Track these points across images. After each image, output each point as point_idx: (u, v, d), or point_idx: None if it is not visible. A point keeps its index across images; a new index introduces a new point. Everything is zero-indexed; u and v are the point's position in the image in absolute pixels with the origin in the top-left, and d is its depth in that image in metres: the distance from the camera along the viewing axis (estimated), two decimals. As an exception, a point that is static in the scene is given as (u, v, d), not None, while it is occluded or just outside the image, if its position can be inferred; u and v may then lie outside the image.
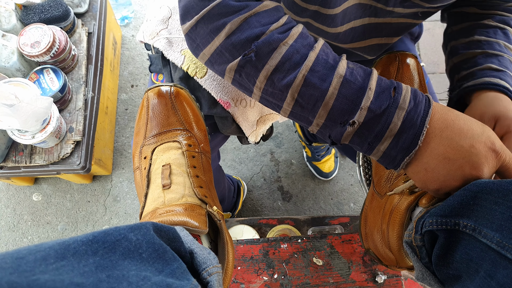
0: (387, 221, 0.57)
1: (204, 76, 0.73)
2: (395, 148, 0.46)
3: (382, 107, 0.45)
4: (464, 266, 0.42)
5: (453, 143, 0.44)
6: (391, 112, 0.45)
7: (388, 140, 0.45)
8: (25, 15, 1.22)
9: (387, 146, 0.46)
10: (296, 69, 0.46)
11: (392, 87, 0.46)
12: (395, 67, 0.66)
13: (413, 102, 0.45)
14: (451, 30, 0.71)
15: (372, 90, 0.45)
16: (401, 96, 0.45)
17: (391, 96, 0.45)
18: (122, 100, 1.64)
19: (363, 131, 0.46)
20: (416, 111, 0.45)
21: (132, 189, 1.53)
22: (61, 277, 0.28)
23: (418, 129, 0.44)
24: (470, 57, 0.65)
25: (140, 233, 0.38)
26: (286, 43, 0.47)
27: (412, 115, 0.45)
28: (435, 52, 1.72)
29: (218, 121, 0.78)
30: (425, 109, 0.45)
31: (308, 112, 0.48)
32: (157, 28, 0.78)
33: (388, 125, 0.45)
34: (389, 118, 0.45)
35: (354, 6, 0.61)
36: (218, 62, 0.51)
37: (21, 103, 0.95)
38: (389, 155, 0.46)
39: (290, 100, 0.48)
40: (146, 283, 0.33)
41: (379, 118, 0.45)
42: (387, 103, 0.45)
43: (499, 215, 0.39)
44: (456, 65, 0.67)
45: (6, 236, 1.48)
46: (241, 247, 0.74)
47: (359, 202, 1.51)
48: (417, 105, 0.45)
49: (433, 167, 0.45)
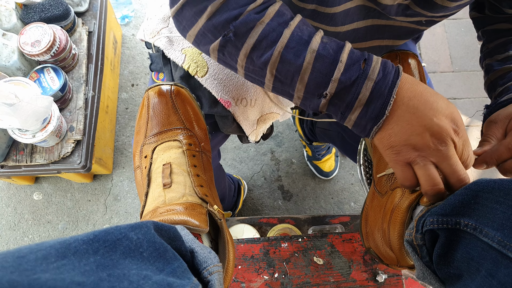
0: (388, 220, 0.57)
1: (204, 75, 0.73)
2: (365, 117, 0.48)
3: (352, 78, 0.47)
4: (465, 265, 0.42)
5: (418, 112, 0.46)
6: (360, 83, 0.47)
7: (358, 109, 0.48)
8: (25, 14, 1.22)
9: (357, 115, 0.48)
10: (272, 47, 0.49)
11: (363, 59, 0.48)
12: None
13: (382, 73, 0.47)
14: (486, 48, 0.71)
15: (343, 62, 0.47)
16: (370, 68, 0.47)
17: (360, 68, 0.47)
18: (123, 99, 1.64)
19: (335, 101, 0.48)
20: (384, 82, 0.47)
21: (132, 188, 1.53)
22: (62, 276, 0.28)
23: (386, 99, 0.46)
24: (505, 72, 0.65)
25: (141, 232, 0.38)
26: (263, 22, 0.49)
27: (380, 85, 0.47)
28: (435, 51, 1.72)
29: (219, 120, 0.78)
30: (393, 79, 0.47)
31: (288, 87, 0.51)
32: (157, 27, 0.78)
33: (357, 95, 0.47)
34: (358, 88, 0.47)
35: (358, 7, 0.61)
36: (203, 43, 0.53)
37: (21, 102, 0.95)
38: (359, 124, 0.49)
39: (270, 76, 0.51)
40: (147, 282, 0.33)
41: (349, 89, 0.47)
42: (356, 74, 0.47)
43: (500, 214, 0.39)
44: (492, 82, 0.67)
45: (7, 235, 1.48)
46: (242, 246, 0.74)
47: (359, 201, 1.51)
48: (385, 76, 0.47)
49: (396, 132, 0.47)
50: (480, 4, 0.71)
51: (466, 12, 0.77)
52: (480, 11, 0.71)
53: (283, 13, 0.51)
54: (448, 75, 1.68)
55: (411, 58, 0.66)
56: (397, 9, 0.59)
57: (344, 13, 0.62)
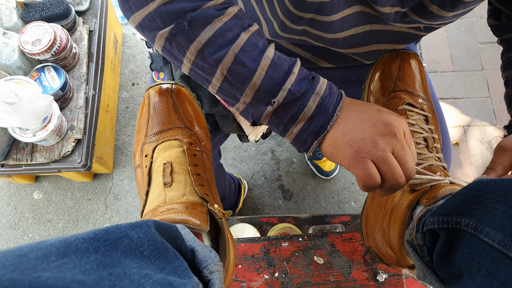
0: (388, 219, 0.57)
1: None
2: (306, 131, 0.49)
3: (301, 91, 0.48)
4: (465, 265, 0.42)
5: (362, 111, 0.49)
6: (308, 97, 0.48)
7: (301, 123, 0.49)
8: (26, 13, 1.22)
9: (299, 128, 0.49)
10: (228, 46, 0.48)
11: (311, 76, 0.50)
12: (397, 66, 0.65)
13: (328, 91, 0.49)
14: (506, 58, 0.71)
15: (295, 74, 0.48)
16: (318, 84, 0.49)
17: (309, 83, 0.49)
18: (123, 98, 1.64)
19: (281, 112, 0.49)
20: (330, 99, 0.49)
21: (133, 187, 1.53)
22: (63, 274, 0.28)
23: (329, 115, 0.48)
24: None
25: (142, 231, 0.38)
26: (221, 20, 0.48)
27: (326, 102, 0.48)
28: (436, 50, 1.72)
29: (219, 120, 0.78)
30: (337, 99, 0.49)
31: (236, 90, 0.50)
32: None
33: (303, 108, 0.48)
34: (305, 101, 0.48)
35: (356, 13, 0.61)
36: (149, 28, 0.50)
37: (21, 101, 0.94)
38: (300, 138, 0.50)
39: (220, 75, 0.49)
40: (147, 281, 0.33)
41: (296, 101, 0.48)
42: (305, 88, 0.48)
43: (501, 214, 0.39)
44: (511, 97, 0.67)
45: (7, 234, 1.48)
46: (242, 245, 0.74)
47: (360, 201, 1.51)
48: (331, 94, 0.49)
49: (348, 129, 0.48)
50: (497, 11, 0.70)
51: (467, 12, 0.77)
52: (497, 18, 0.70)
53: (241, 17, 0.51)
54: (449, 75, 1.68)
55: (412, 57, 0.66)
56: (395, 16, 0.59)
57: (342, 20, 0.62)
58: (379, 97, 0.65)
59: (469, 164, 1.55)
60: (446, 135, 0.79)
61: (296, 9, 0.60)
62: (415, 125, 0.61)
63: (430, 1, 0.55)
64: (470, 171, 1.54)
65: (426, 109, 0.63)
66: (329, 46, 0.71)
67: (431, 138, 0.61)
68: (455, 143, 1.58)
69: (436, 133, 0.63)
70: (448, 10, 0.56)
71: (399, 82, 0.65)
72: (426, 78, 0.67)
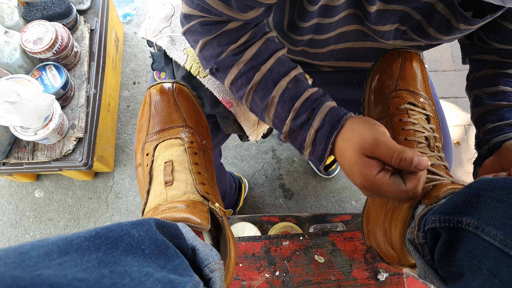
0: (389, 218, 0.57)
1: (206, 76, 0.73)
2: (312, 156, 0.55)
3: (298, 125, 0.54)
4: (466, 264, 0.42)
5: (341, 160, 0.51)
6: (306, 129, 0.54)
7: (308, 149, 0.55)
8: (27, 11, 1.22)
9: (308, 153, 0.55)
10: (246, 86, 0.57)
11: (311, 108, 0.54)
12: (398, 65, 0.65)
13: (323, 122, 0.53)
14: (474, 76, 0.72)
15: (296, 110, 0.55)
16: (314, 117, 0.53)
17: (307, 117, 0.54)
18: (124, 97, 1.65)
19: (292, 140, 0.57)
20: (323, 131, 0.53)
21: (134, 186, 1.53)
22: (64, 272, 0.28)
23: (325, 145, 0.53)
24: (496, 108, 0.66)
25: (143, 229, 0.38)
26: (240, 63, 0.57)
27: (320, 133, 0.53)
28: (437, 50, 1.72)
29: (220, 120, 0.78)
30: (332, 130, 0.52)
31: (260, 118, 0.60)
32: (160, 26, 0.78)
33: (305, 139, 0.54)
34: (304, 133, 0.54)
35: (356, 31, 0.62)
36: (202, 65, 0.63)
37: (23, 100, 0.95)
38: (311, 160, 0.56)
39: (246, 106, 0.60)
40: (148, 279, 0.33)
41: (299, 132, 0.55)
42: (302, 122, 0.54)
43: (503, 212, 0.39)
44: (482, 116, 0.68)
45: (8, 232, 1.48)
46: (243, 244, 0.74)
47: (360, 200, 1.51)
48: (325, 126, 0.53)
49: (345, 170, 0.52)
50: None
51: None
52: (469, 37, 0.70)
53: (260, 55, 0.57)
54: (450, 74, 1.68)
55: (413, 56, 0.66)
56: (395, 33, 0.60)
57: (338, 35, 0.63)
58: (380, 96, 0.65)
59: (470, 163, 1.55)
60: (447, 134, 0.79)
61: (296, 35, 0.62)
62: (416, 124, 0.61)
63: (428, 24, 0.57)
64: (471, 170, 1.54)
65: (428, 108, 0.63)
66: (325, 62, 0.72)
67: (433, 137, 0.61)
68: (456, 142, 1.58)
69: (437, 132, 0.63)
70: (444, 35, 0.57)
71: (400, 81, 0.65)
72: (427, 77, 0.67)
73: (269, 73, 0.56)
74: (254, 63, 0.56)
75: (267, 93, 0.56)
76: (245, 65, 0.56)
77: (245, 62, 0.56)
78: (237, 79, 0.57)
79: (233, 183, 1.34)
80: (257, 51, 0.57)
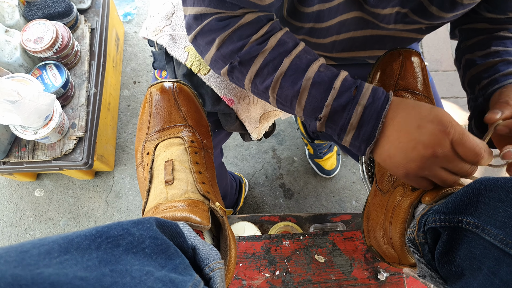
0: (389, 218, 0.57)
1: (207, 73, 0.73)
2: (358, 139, 0.51)
3: (343, 104, 0.50)
4: (467, 264, 0.42)
5: (403, 128, 0.48)
6: (352, 108, 0.50)
7: (351, 132, 0.51)
8: (28, 10, 1.22)
9: (351, 137, 0.52)
10: (273, 74, 0.54)
11: (354, 86, 0.51)
12: (399, 64, 0.65)
13: (372, 99, 0.50)
14: (465, 45, 0.70)
15: (336, 89, 0.51)
16: (361, 94, 0.50)
17: (351, 94, 0.51)
18: (125, 97, 1.65)
19: (330, 125, 0.53)
20: (373, 106, 0.50)
21: (134, 186, 1.53)
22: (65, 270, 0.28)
23: (375, 123, 0.49)
24: (490, 65, 0.64)
25: (143, 228, 0.38)
26: (265, 51, 0.54)
27: (369, 110, 0.50)
28: (437, 50, 1.72)
29: (222, 118, 0.78)
30: (383, 104, 0.50)
31: (289, 108, 0.56)
32: (160, 25, 0.78)
33: (349, 119, 0.50)
34: (349, 113, 0.50)
35: (355, 18, 0.61)
36: (216, 67, 0.59)
37: (23, 99, 0.95)
38: (354, 144, 0.52)
39: (272, 99, 0.56)
40: (149, 278, 0.33)
41: (341, 114, 0.51)
42: (347, 100, 0.50)
43: (503, 212, 0.39)
44: (475, 76, 0.66)
45: (8, 231, 1.48)
46: (243, 243, 0.74)
47: (361, 200, 1.51)
48: (375, 101, 0.50)
49: (393, 153, 0.49)
50: None
51: (469, 11, 0.77)
52: None
53: (285, 42, 0.55)
54: (451, 74, 1.68)
55: (414, 56, 0.66)
56: (396, 17, 0.60)
57: (339, 24, 0.62)
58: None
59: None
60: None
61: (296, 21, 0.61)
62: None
63: (430, 2, 0.56)
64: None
65: (428, 108, 0.63)
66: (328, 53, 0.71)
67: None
68: (457, 143, 1.58)
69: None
70: (447, 12, 0.56)
71: (400, 80, 0.65)
72: (428, 76, 0.67)
73: (298, 59, 0.54)
74: (280, 50, 0.54)
75: (299, 77, 0.53)
76: (271, 52, 0.54)
77: (270, 49, 0.54)
78: (262, 69, 0.54)
79: (233, 183, 1.34)
80: (280, 38, 0.55)
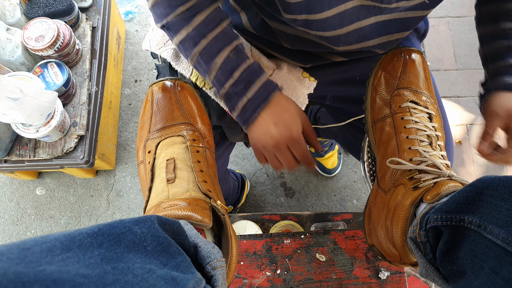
0: (391, 217, 0.57)
1: (212, 87, 0.72)
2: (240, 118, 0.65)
3: (236, 92, 0.63)
4: (468, 262, 0.42)
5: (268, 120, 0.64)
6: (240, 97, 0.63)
7: (236, 112, 0.65)
8: (29, 9, 1.22)
9: (235, 115, 0.66)
10: (192, 49, 0.63)
11: (247, 80, 0.63)
12: (401, 63, 0.65)
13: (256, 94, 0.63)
14: (479, 11, 0.72)
15: (234, 79, 0.63)
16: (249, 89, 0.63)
17: (244, 87, 0.63)
18: (126, 95, 1.65)
19: (226, 101, 0.66)
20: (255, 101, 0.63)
21: (135, 184, 1.53)
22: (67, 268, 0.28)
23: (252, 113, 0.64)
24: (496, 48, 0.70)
25: (145, 226, 0.38)
26: (188, 27, 0.62)
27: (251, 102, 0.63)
28: (439, 49, 1.72)
29: (227, 130, 0.78)
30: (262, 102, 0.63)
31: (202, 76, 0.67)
32: (164, 38, 0.77)
33: (237, 103, 0.64)
34: (238, 99, 0.64)
35: (356, 7, 0.60)
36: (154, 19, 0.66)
37: (25, 97, 0.95)
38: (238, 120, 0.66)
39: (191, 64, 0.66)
40: (151, 276, 0.33)
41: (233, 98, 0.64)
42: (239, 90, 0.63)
43: (505, 211, 0.39)
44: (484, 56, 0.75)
45: (9, 229, 1.49)
46: (244, 242, 0.74)
47: (362, 199, 1.51)
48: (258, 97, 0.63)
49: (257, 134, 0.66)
50: None
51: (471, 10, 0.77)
52: None
53: (209, 23, 0.62)
54: (452, 73, 1.67)
55: (416, 54, 0.66)
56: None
57: (339, 16, 0.61)
58: (383, 95, 0.65)
59: (472, 162, 1.55)
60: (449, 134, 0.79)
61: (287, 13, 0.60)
62: (418, 123, 0.61)
63: None
64: (473, 169, 1.54)
65: (430, 107, 0.63)
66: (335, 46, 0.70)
67: (435, 136, 0.61)
68: (458, 142, 1.58)
69: (439, 131, 0.62)
70: None
71: (402, 79, 0.65)
72: (430, 75, 0.67)
73: (214, 41, 0.63)
74: (202, 30, 0.62)
75: (211, 58, 0.63)
76: (194, 29, 0.62)
77: (193, 27, 0.62)
78: (185, 41, 0.63)
79: (236, 182, 1.34)
80: (205, 18, 0.62)
